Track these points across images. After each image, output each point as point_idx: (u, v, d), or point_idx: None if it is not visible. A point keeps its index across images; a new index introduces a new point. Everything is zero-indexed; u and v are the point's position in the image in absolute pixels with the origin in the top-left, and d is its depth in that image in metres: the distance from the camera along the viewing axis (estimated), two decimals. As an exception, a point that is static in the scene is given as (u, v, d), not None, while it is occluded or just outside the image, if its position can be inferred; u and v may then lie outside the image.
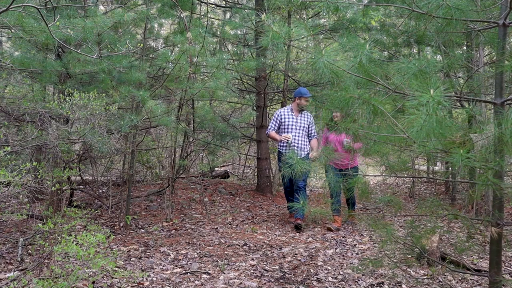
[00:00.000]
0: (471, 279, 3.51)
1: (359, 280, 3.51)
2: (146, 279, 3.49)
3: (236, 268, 3.81)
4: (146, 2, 5.70)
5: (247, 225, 5.41)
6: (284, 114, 5.52)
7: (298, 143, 5.42)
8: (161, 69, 6.16)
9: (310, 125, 5.55)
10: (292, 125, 5.45)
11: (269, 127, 5.55)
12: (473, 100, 3.12)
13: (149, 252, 4.20)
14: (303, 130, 5.46)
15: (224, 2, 8.63)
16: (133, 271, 3.56)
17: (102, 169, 6.66)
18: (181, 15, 5.75)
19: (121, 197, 5.39)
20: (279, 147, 5.55)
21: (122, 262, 3.84)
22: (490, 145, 2.10)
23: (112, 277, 3.42)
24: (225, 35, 7.17)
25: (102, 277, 3.38)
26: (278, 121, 5.52)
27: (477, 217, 4.43)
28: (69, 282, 2.86)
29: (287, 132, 5.44)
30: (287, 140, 5.32)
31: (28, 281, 3.09)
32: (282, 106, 7.41)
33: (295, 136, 5.42)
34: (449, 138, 2.16)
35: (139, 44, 5.19)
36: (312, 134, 5.58)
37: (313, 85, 7.30)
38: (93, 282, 3.23)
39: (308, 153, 5.49)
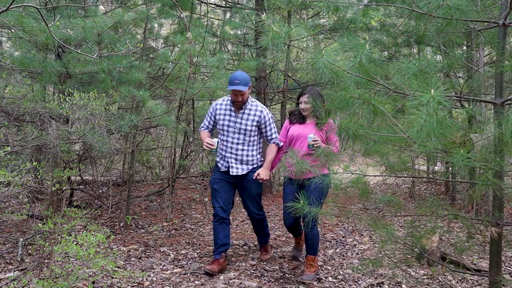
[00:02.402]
0: (471, 279, 3.51)
1: (359, 280, 3.52)
2: (146, 279, 3.49)
3: (236, 268, 3.81)
4: (146, 2, 5.70)
5: (247, 225, 5.41)
6: (220, 109, 3.74)
7: (235, 154, 3.70)
8: (161, 69, 6.16)
9: (264, 126, 3.72)
10: (227, 126, 3.69)
11: (202, 124, 3.92)
12: (473, 100, 3.13)
13: (149, 252, 4.20)
14: (246, 135, 3.67)
15: (224, 2, 8.63)
16: (133, 271, 3.56)
17: (102, 169, 6.66)
18: (181, 15, 5.75)
19: (121, 197, 5.39)
20: (217, 156, 3.86)
21: (122, 262, 3.84)
22: (490, 145, 2.10)
23: (112, 277, 3.42)
24: (225, 35, 7.18)
25: (102, 277, 3.38)
26: (212, 117, 3.80)
27: (477, 217, 4.43)
28: (69, 282, 2.86)
29: (222, 135, 3.74)
30: (210, 149, 3.62)
31: (28, 281, 3.09)
32: (282, 106, 7.40)
33: (231, 143, 3.69)
34: (449, 138, 2.16)
35: (139, 44, 5.19)
36: (270, 138, 3.76)
37: (313, 85, 7.29)
38: (93, 282, 3.23)
39: (255, 168, 3.73)
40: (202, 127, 3.88)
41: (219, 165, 3.79)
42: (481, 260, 3.96)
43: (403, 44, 6.31)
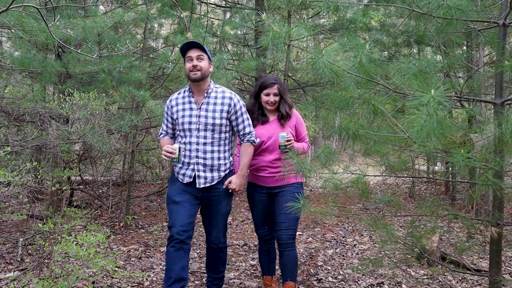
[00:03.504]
0: (471, 279, 3.51)
1: (359, 280, 3.51)
2: (146, 279, 3.49)
3: (236, 268, 3.81)
4: (146, 2, 5.71)
5: (247, 225, 5.41)
6: (177, 104, 2.86)
7: (202, 158, 2.78)
8: (161, 69, 6.16)
9: (235, 117, 2.85)
10: (189, 122, 2.79)
11: (160, 130, 3.06)
12: (473, 100, 3.12)
13: (149, 252, 4.20)
14: (216, 130, 2.79)
15: (224, 2, 8.64)
16: (133, 271, 3.56)
17: (102, 169, 6.66)
18: (181, 15, 5.75)
19: (121, 197, 5.39)
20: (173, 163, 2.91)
21: (122, 262, 3.84)
22: (490, 145, 2.10)
23: (112, 277, 3.42)
24: (225, 35, 7.18)
25: (102, 277, 3.38)
26: (169, 117, 2.92)
27: (477, 217, 4.43)
28: (69, 282, 2.86)
29: (183, 136, 2.82)
30: (171, 158, 2.72)
31: (28, 281, 3.09)
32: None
33: (197, 144, 2.78)
34: (449, 138, 2.16)
35: (139, 44, 5.19)
36: (244, 133, 2.88)
37: (313, 85, 7.30)
38: (93, 282, 3.23)
39: (228, 176, 2.86)
40: (161, 133, 3.02)
41: (180, 177, 2.81)
42: (481, 260, 3.96)
43: (403, 44, 6.31)
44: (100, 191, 6.55)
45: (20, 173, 3.30)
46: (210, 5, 8.04)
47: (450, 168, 6.97)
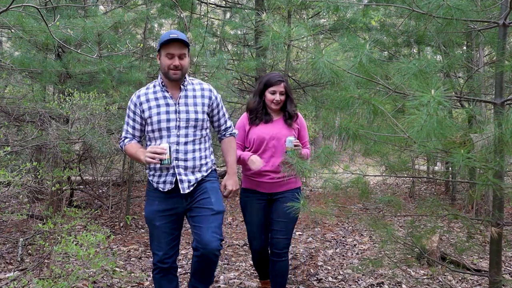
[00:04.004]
0: (471, 279, 3.51)
1: (359, 280, 3.51)
2: (146, 279, 3.49)
3: (236, 268, 3.81)
4: (146, 2, 5.71)
5: (247, 225, 5.41)
6: (148, 100, 2.45)
7: (183, 159, 2.42)
8: (161, 69, 6.16)
9: (217, 111, 2.59)
10: (167, 120, 2.41)
11: (122, 134, 2.58)
12: (473, 100, 3.12)
13: (149, 252, 4.20)
14: (198, 127, 2.46)
15: (224, 2, 8.64)
16: (133, 271, 3.56)
17: (102, 169, 6.66)
18: (181, 15, 5.75)
19: (121, 197, 5.39)
20: (148, 173, 2.54)
21: (122, 262, 3.84)
22: (490, 145, 2.10)
23: (112, 277, 3.42)
24: (225, 35, 7.19)
25: (102, 277, 3.39)
26: (137, 116, 2.47)
27: (477, 217, 4.43)
28: (69, 282, 2.86)
29: (158, 137, 2.43)
30: (160, 161, 2.27)
31: (28, 281, 3.09)
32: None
33: (177, 144, 2.42)
34: (449, 138, 2.16)
35: (139, 44, 5.19)
36: (225, 127, 2.65)
37: (313, 85, 7.30)
38: (93, 282, 3.23)
39: (211, 174, 2.55)
40: (126, 137, 2.52)
41: (160, 186, 2.44)
42: (481, 260, 3.96)
43: (403, 44, 6.31)
44: (100, 191, 6.55)
45: (20, 173, 3.30)
46: (210, 5, 8.04)
47: (450, 168, 6.97)
